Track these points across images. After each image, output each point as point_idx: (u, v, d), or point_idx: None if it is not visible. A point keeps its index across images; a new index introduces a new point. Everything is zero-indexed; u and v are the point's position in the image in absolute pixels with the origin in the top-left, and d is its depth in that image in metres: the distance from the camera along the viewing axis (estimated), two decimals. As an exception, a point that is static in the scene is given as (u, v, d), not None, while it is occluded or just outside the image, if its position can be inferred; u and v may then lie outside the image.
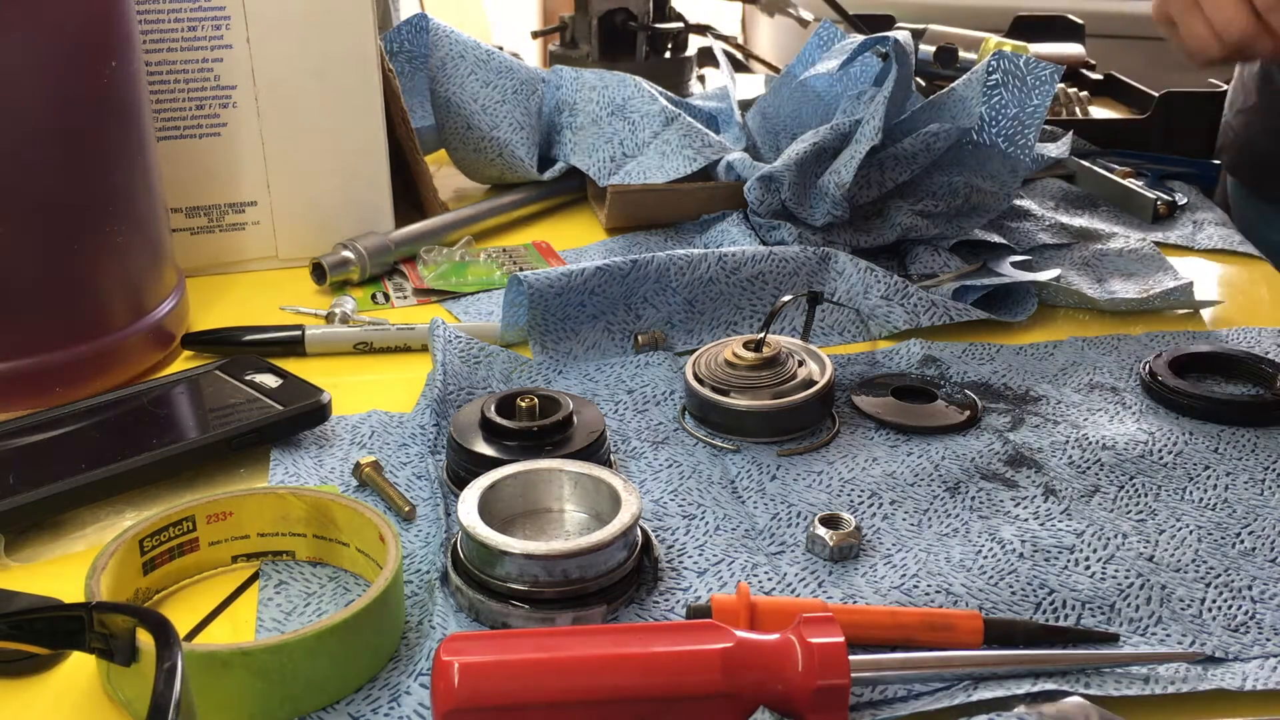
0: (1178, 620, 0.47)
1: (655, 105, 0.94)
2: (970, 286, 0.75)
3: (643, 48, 1.18)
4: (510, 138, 0.94)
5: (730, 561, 0.51)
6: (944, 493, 0.56)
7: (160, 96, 0.78)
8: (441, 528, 0.52)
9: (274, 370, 0.63)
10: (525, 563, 0.46)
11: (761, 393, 0.61)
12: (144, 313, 0.67)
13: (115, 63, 0.62)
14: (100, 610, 0.40)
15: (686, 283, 0.72)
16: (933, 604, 0.48)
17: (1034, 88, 0.82)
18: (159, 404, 0.61)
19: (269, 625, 0.48)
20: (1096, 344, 0.72)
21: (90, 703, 0.44)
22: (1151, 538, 0.53)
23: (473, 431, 0.56)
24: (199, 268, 0.81)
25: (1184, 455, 0.59)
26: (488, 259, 0.85)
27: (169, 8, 0.76)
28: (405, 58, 1.01)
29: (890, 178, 0.84)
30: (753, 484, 0.57)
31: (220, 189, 0.81)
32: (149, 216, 0.67)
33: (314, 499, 0.50)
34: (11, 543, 0.52)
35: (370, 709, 0.43)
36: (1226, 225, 0.92)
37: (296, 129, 0.81)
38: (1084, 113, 1.15)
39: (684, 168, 0.89)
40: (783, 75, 1.02)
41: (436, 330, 0.67)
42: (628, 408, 0.64)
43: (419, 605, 0.48)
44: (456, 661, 0.40)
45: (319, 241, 0.82)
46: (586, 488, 0.52)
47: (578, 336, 0.70)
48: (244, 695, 0.41)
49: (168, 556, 0.49)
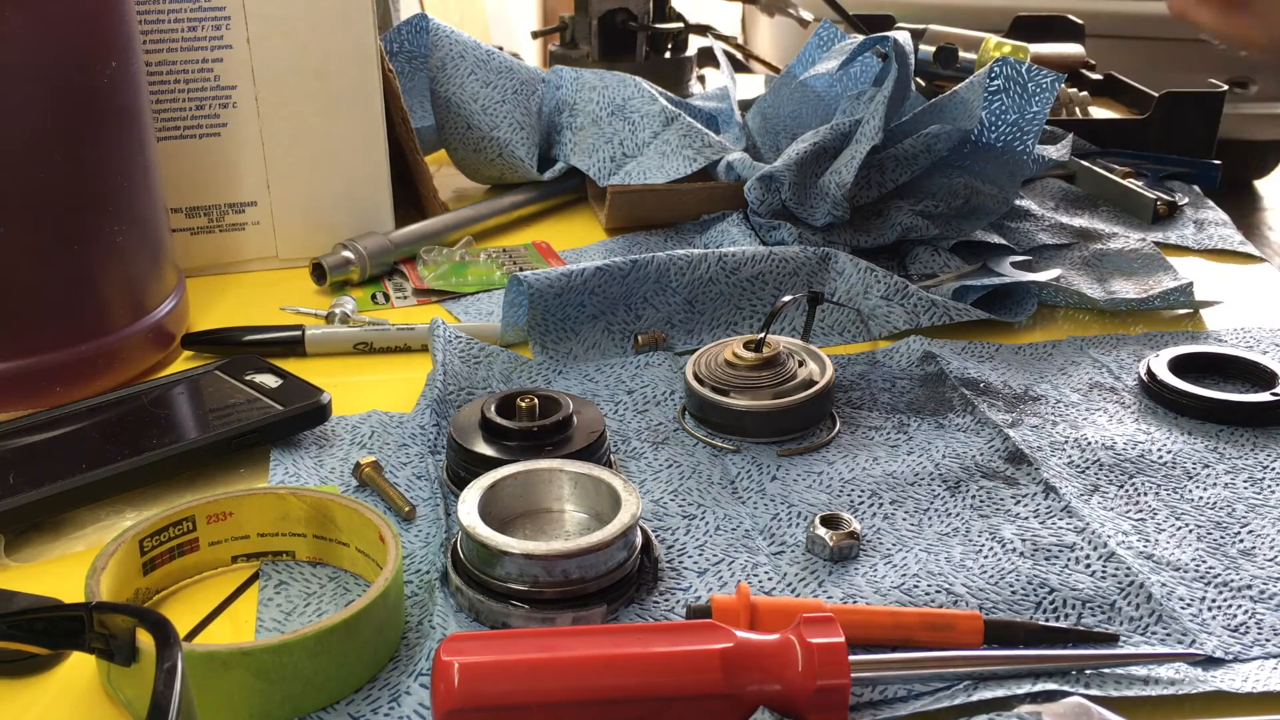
0: (1178, 620, 0.47)
1: (655, 105, 0.94)
2: (970, 286, 0.75)
3: (643, 48, 1.18)
4: (510, 138, 0.94)
5: (730, 561, 0.51)
6: (944, 491, 0.56)
7: (160, 96, 0.78)
8: (441, 528, 0.52)
9: (274, 370, 0.63)
10: (525, 563, 0.46)
11: (761, 393, 0.61)
12: (144, 313, 0.67)
13: (115, 63, 0.62)
14: (100, 610, 0.40)
15: (686, 283, 0.72)
16: (933, 604, 0.48)
17: (1034, 94, 0.82)
18: (159, 404, 0.61)
19: (269, 625, 0.48)
20: (1096, 344, 0.72)
21: (90, 703, 0.44)
22: (1151, 537, 0.53)
23: (473, 431, 0.56)
24: (199, 268, 0.81)
25: (1183, 455, 0.59)
26: (488, 259, 0.85)
27: (169, 8, 0.76)
28: (405, 58, 1.01)
29: (890, 178, 0.84)
30: (753, 484, 0.57)
31: (220, 189, 0.81)
32: (149, 216, 0.67)
33: (314, 499, 0.50)
34: (11, 543, 0.52)
35: (370, 709, 0.43)
36: (1227, 225, 0.92)
37: (296, 129, 0.81)
38: (1084, 113, 1.15)
39: (684, 168, 0.89)
40: (783, 75, 1.02)
41: (436, 330, 0.67)
42: (628, 408, 0.64)
43: (419, 605, 0.48)
44: (456, 661, 0.40)
45: (319, 241, 0.82)
46: (586, 488, 0.52)
47: (578, 336, 0.70)
48: (244, 695, 0.41)
49: (168, 556, 0.49)
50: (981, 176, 0.85)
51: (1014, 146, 0.84)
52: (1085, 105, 1.16)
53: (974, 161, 0.86)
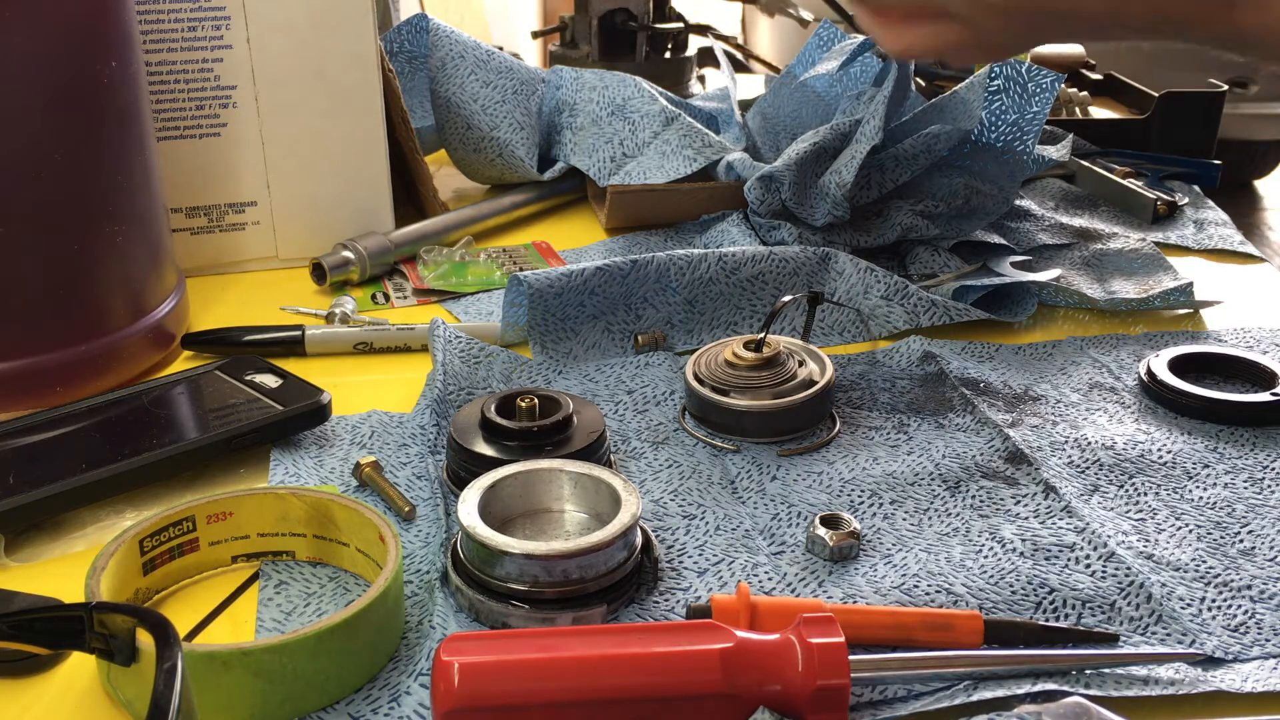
0: (1178, 620, 0.47)
1: (655, 105, 0.94)
2: (970, 286, 0.75)
3: (643, 48, 1.18)
4: (510, 138, 0.94)
5: (730, 561, 0.51)
6: (944, 491, 0.56)
7: (160, 96, 0.78)
8: (441, 528, 0.52)
9: (274, 370, 0.63)
10: (525, 563, 0.46)
11: (761, 393, 0.61)
12: (144, 313, 0.67)
13: (115, 63, 0.62)
14: (100, 610, 0.40)
15: (686, 283, 0.72)
16: (933, 604, 0.48)
17: (1034, 94, 0.82)
18: (159, 404, 0.61)
19: (269, 625, 0.48)
20: (1096, 344, 0.72)
21: (90, 703, 0.44)
22: (1151, 537, 0.53)
23: (473, 431, 0.56)
24: (199, 268, 0.81)
25: (1183, 455, 0.59)
26: (488, 259, 0.85)
27: (169, 8, 0.76)
28: (405, 58, 1.01)
29: (891, 178, 0.84)
30: (753, 484, 0.57)
31: (220, 189, 0.81)
32: (149, 216, 0.67)
33: (314, 499, 0.50)
34: (11, 543, 0.52)
35: (370, 709, 0.43)
36: (1227, 225, 0.92)
37: (296, 129, 0.81)
38: (1084, 113, 1.15)
39: (684, 168, 0.89)
40: (783, 75, 1.02)
41: (436, 330, 0.67)
42: (628, 408, 0.64)
43: (419, 605, 0.48)
44: (456, 661, 0.40)
45: (319, 241, 0.82)
46: (586, 488, 0.52)
47: (578, 336, 0.70)
48: (244, 695, 0.41)
49: (168, 556, 0.49)
50: (981, 176, 0.85)
51: (1014, 146, 0.84)
52: (1085, 105, 1.16)
53: (974, 161, 0.86)
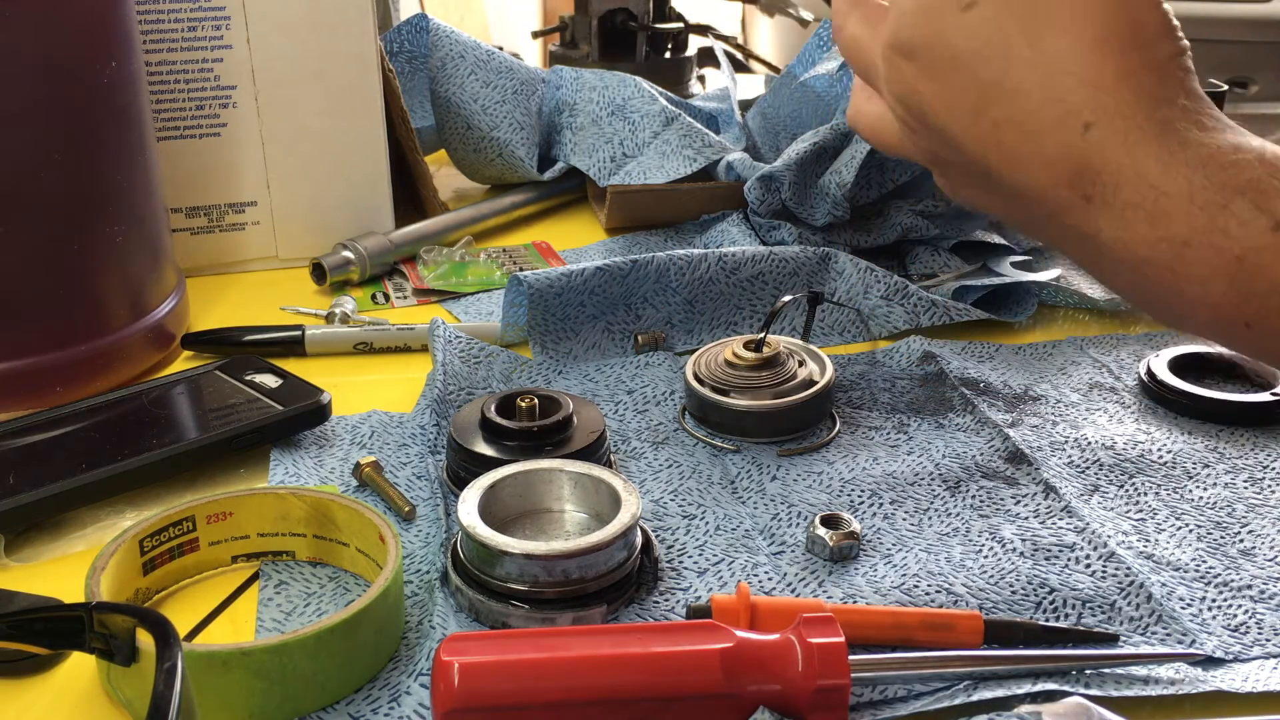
0: (1178, 620, 0.47)
1: (655, 105, 0.94)
2: (970, 286, 0.75)
3: (643, 48, 1.18)
4: (510, 138, 0.94)
5: (730, 561, 0.51)
6: (944, 491, 0.56)
7: (160, 96, 0.78)
8: (441, 528, 0.52)
9: (274, 370, 0.63)
10: (525, 563, 0.46)
11: (761, 393, 0.61)
12: (144, 313, 0.67)
13: (115, 63, 0.62)
14: (100, 610, 0.40)
15: (686, 283, 0.72)
16: (933, 604, 0.48)
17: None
18: (159, 404, 0.61)
19: (269, 625, 0.47)
20: (1096, 344, 0.72)
21: (90, 703, 0.44)
22: (1151, 537, 0.53)
23: (473, 431, 0.56)
24: (199, 268, 0.81)
25: (1183, 455, 0.59)
26: (488, 259, 0.85)
27: (169, 8, 0.76)
28: (405, 58, 1.01)
29: (890, 178, 0.84)
30: (753, 484, 0.57)
31: (220, 189, 0.81)
32: (149, 216, 0.67)
33: (314, 499, 0.50)
34: (11, 543, 0.52)
35: (370, 709, 0.43)
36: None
37: (296, 129, 0.81)
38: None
39: (684, 168, 0.89)
40: (783, 75, 1.02)
41: (436, 330, 0.67)
42: (628, 408, 0.64)
43: (419, 605, 0.48)
44: (456, 661, 0.40)
45: (319, 241, 0.82)
46: (586, 488, 0.52)
47: (578, 336, 0.70)
48: (244, 695, 0.41)
49: (168, 556, 0.49)
50: (981, 176, 0.85)
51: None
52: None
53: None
